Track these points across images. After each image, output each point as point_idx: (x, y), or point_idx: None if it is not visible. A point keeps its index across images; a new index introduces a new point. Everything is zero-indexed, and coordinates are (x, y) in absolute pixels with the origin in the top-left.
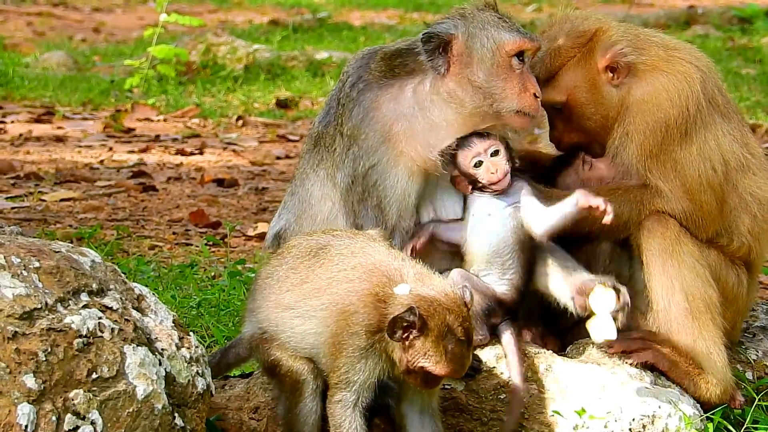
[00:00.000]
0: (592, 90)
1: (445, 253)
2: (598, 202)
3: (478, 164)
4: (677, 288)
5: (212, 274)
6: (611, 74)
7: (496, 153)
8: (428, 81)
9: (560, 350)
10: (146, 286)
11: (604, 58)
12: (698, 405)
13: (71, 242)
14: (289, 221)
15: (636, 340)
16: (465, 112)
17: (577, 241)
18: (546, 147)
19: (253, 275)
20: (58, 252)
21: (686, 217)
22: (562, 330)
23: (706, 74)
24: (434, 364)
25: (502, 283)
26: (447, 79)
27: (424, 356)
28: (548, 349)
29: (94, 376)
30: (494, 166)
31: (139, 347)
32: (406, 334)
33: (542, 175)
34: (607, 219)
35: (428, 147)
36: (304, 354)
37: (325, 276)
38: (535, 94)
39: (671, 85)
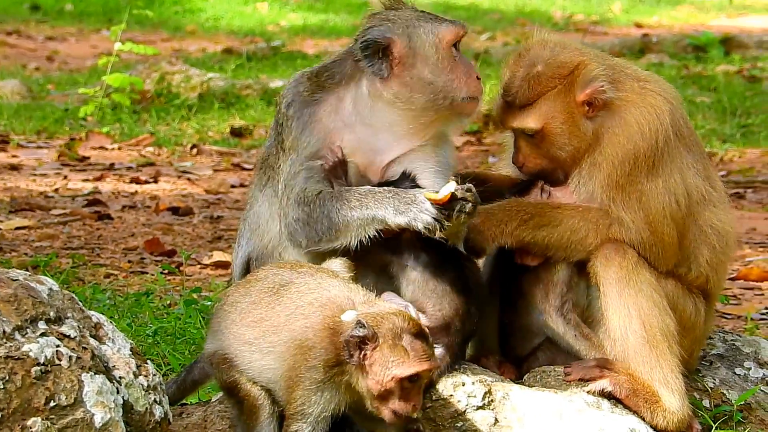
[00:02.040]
0: (569, 122)
1: (379, 275)
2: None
3: None
4: (634, 316)
5: (168, 302)
6: (587, 108)
7: None
8: (364, 87)
9: (517, 378)
10: (102, 314)
11: (584, 93)
12: None
13: (27, 270)
14: (247, 249)
15: (593, 368)
16: (414, 110)
17: (533, 269)
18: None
19: (209, 303)
20: (15, 280)
21: (646, 248)
22: (520, 357)
23: (674, 106)
24: (401, 366)
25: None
26: (390, 82)
27: (388, 364)
28: (505, 377)
29: (52, 404)
30: None
31: (97, 375)
32: (362, 352)
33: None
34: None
35: (374, 153)
36: (262, 385)
37: (284, 313)
38: (477, 77)
39: (642, 117)
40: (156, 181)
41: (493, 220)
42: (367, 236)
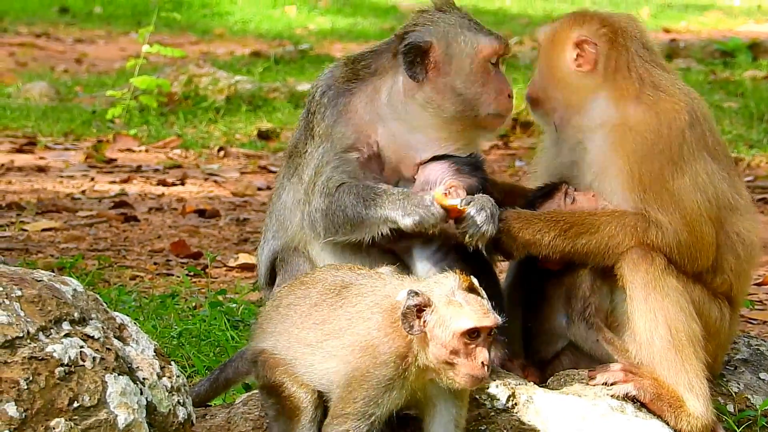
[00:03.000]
0: (556, 54)
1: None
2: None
3: None
4: (661, 321)
5: (193, 304)
6: (575, 56)
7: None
8: (401, 84)
9: (541, 382)
10: (127, 315)
11: (577, 35)
12: None
13: (53, 272)
14: (273, 244)
15: (617, 372)
16: (444, 117)
17: (556, 274)
18: (528, 182)
19: (234, 305)
20: (40, 281)
21: (683, 249)
22: (543, 361)
23: (695, 111)
24: (459, 320)
25: None
26: (424, 86)
27: (447, 322)
28: (529, 381)
29: (75, 404)
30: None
31: (121, 376)
32: (422, 320)
33: (524, 205)
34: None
35: (408, 149)
36: (317, 387)
37: (347, 316)
38: (509, 95)
39: (657, 112)
40: (183, 184)
41: (530, 230)
42: (380, 234)
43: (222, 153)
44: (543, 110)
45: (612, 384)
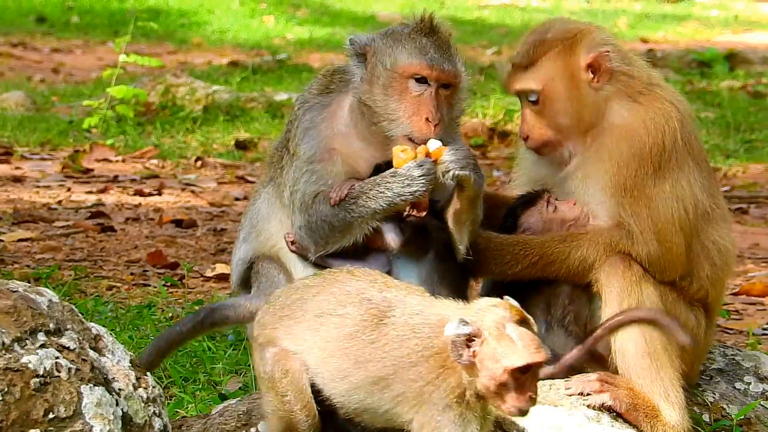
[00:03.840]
0: (570, 85)
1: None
2: None
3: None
4: (635, 328)
5: (170, 314)
6: (592, 75)
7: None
8: (360, 93)
9: None
10: (104, 326)
11: (588, 55)
12: None
13: (29, 282)
14: (245, 247)
15: (593, 382)
16: (375, 129)
17: (534, 283)
18: (508, 191)
19: None
20: (15, 291)
21: (653, 260)
22: None
23: (684, 116)
24: (511, 356)
25: None
26: (366, 89)
27: (498, 356)
28: None
29: (50, 416)
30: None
31: (96, 387)
32: (471, 349)
33: (504, 215)
34: None
35: (365, 161)
36: (347, 413)
37: (391, 361)
38: (427, 119)
39: (649, 116)
40: (160, 194)
41: (498, 260)
42: (371, 228)
43: (199, 163)
44: (555, 149)
45: (588, 394)
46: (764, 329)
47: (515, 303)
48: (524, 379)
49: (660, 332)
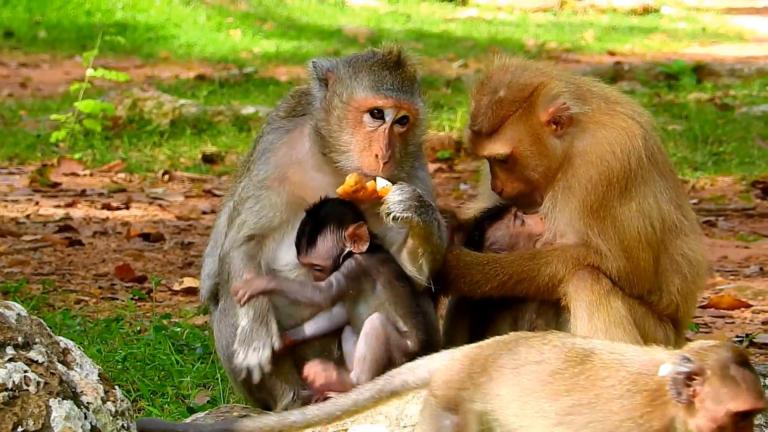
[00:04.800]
0: (536, 143)
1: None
2: None
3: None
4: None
5: (138, 328)
6: (554, 126)
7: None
8: (317, 120)
9: None
10: (72, 340)
11: (547, 112)
12: None
13: None
14: (210, 262)
15: None
16: (329, 157)
17: (501, 298)
18: (474, 204)
19: (179, 329)
20: None
21: (622, 275)
22: None
23: (647, 131)
24: (735, 399)
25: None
26: (323, 117)
27: (721, 397)
28: None
29: (19, 429)
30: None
31: (65, 401)
32: (691, 388)
33: (472, 227)
34: None
35: (315, 190)
36: None
37: (594, 391)
38: (377, 155)
39: (613, 138)
40: (127, 208)
41: (467, 279)
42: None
43: (167, 177)
44: (529, 197)
45: None
46: (734, 342)
47: (736, 344)
48: (743, 424)
49: None
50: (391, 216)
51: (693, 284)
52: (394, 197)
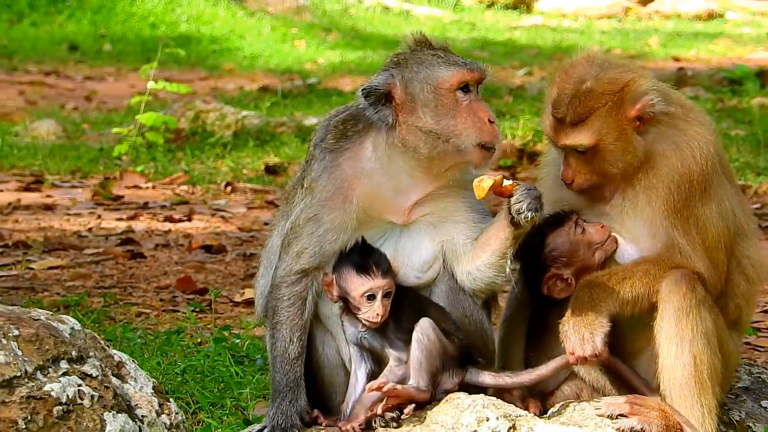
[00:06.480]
0: (621, 138)
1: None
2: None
3: (371, 298)
4: (687, 349)
5: (198, 340)
6: (638, 123)
7: (388, 295)
8: (383, 134)
9: (542, 413)
10: (132, 353)
11: (635, 107)
12: None
13: (58, 309)
14: (263, 283)
15: (623, 404)
16: (423, 158)
17: (560, 303)
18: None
19: (238, 341)
20: (37, 320)
21: (703, 276)
22: (544, 392)
23: (716, 137)
24: None
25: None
26: (397, 129)
27: None
28: (530, 411)
29: None
30: (383, 309)
31: (119, 414)
32: None
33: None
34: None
35: (396, 196)
36: None
37: None
38: (489, 120)
39: (693, 143)
40: (189, 220)
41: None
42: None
43: (229, 188)
44: (597, 191)
45: (617, 416)
46: None
47: None
48: None
49: (710, 357)
50: (523, 215)
51: (756, 286)
52: (525, 197)
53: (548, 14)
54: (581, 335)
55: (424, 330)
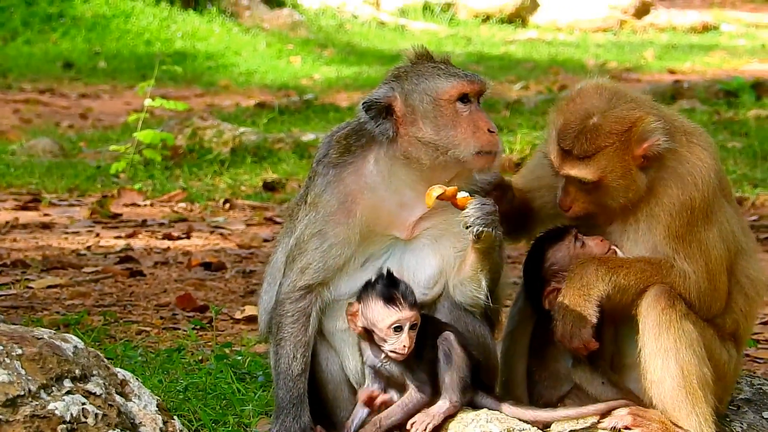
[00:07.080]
0: (625, 175)
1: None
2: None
3: (398, 329)
4: (672, 361)
5: (199, 357)
6: (642, 160)
7: (414, 327)
8: (384, 148)
9: (545, 426)
10: (133, 371)
11: (641, 147)
12: None
13: (58, 328)
14: (267, 299)
15: (625, 416)
16: (425, 169)
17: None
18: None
19: (240, 358)
20: (40, 339)
21: (701, 297)
22: (548, 405)
23: (716, 159)
24: None
25: None
26: (398, 142)
27: None
28: (533, 425)
29: None
30: (410, 341)
31: None
32: None
33: (531, 248)
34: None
35: (400, 210)
36: None
37: None
38: (489, 130)
39: (694, 170)
40: (188, 237)
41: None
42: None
43: (227, 205)
44: (593, 218)
45: (620, 428)
46: None
47: None
48: None
49: (697, 367)
50: (473, 229)
51: (754, 302)
52: (476, 211)
53: (543, 28)
54: (568, 332)
55: (449, 343)
